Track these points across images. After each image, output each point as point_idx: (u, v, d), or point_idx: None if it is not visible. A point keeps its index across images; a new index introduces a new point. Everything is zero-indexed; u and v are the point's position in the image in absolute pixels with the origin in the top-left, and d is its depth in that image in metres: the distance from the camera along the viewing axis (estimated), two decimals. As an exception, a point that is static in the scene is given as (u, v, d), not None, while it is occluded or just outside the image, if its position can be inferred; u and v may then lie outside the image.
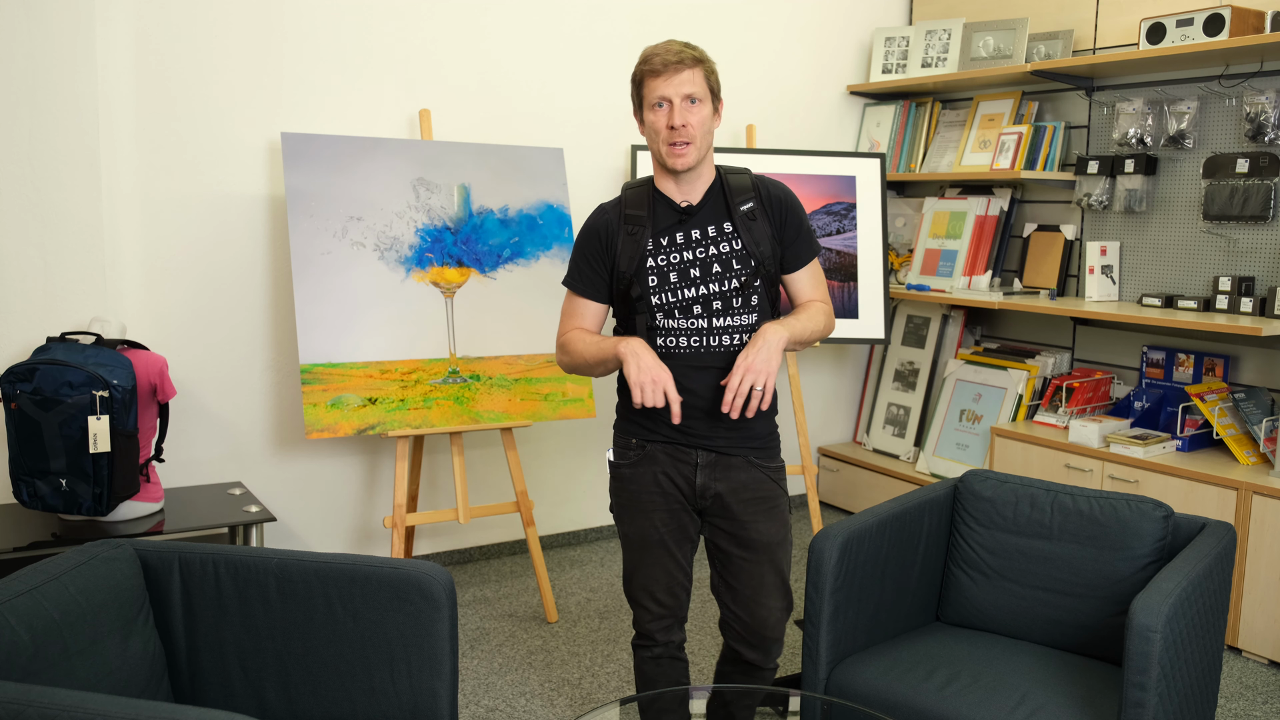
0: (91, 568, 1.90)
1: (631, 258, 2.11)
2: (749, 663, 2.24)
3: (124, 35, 3.25)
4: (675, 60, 2.04)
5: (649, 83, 2.07)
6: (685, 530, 2.21)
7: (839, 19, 4.67)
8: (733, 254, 2.12)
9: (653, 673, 2.27)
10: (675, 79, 2.04)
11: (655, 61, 2.05)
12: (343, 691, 1.99)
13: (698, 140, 2.07)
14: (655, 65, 2.05)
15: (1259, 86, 3.54)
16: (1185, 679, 2.02)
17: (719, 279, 2.12)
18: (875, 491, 4.52)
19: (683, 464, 2.16)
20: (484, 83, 3.87)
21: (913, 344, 4.70)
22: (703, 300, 2.12)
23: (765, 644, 2.22)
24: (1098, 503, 2.37)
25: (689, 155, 2.07)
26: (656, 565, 2.20)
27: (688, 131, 2.05)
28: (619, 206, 2.17)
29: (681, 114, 2.04)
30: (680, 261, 2.12)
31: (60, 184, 3.15)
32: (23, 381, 2.79)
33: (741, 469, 2.17)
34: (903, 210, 4.77)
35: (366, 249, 3.31)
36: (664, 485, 2.17)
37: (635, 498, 2.20)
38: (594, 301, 2.19)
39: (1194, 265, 3.79)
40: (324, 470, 3.73)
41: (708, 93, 2.09)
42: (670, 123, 2.05)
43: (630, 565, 2.24)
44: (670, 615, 2.23)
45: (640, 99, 2.11)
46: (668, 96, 2.05)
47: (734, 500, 2.16)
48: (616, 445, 2.24)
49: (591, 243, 2.17)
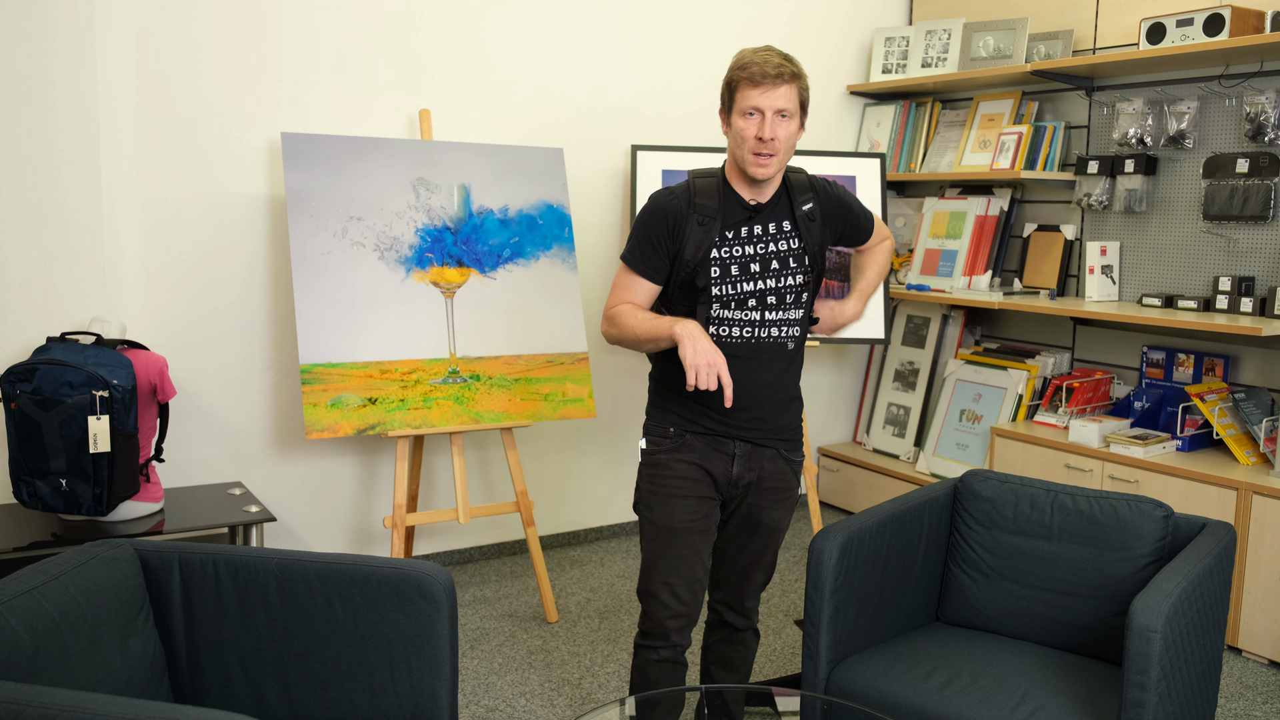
0: (91, 568, 1.90)
1: (698, 247, 2.15)
2: (730, 625, 2.39)
3: (124, 35, 3.25)
4: (774, 74, 2.06)
5: (744, 90, 2.08)
6: (710, 523, 2.25)
7: (839, 19, 4.67)
8: (790, 252, 2.19)
9: (655, 676, 2.26)
10: (772, 93, 2.07)
11: (754, 70, 2.07)
12: (343, 691, 1.99)
13: (781, 153, 2.11)
14: (753, 75, 2.07)
15: (1259, 86, 3.54)
16: (1185, 679, 2.02)
17: (776, 275, 2.18)
18: (875, 491, 4.52)
19: (720, 454, 2.22)
20: (484, 83, 3.87)
21: (913, 344, 4.70)
22: (758, 295, 2.17)
23: (745, 610, 2.39)
24: (1098, 503, 2.37)
25: (771, 166, 2.12)
26: (680, 556, 2.21)
27: (775, 145, 2.09)
28: (688, 194, 2.18)
29: (772, 127, 2.07)
30: (743, 256, 2.17)
31: (60, 184, 3.15)
32: (23, 381, 2.79)
33: (771, 460, 2.26)
34: (903, 210, 4.77)
35: (366, 249, 3.31)
36: (698, 474, 2.22)
37: (667, 484, 2.22)
38: (650, 282, 2.21)
39: (1194, 265, 3.79)
40: (324, 470, 3.73)
41: (798, 108, 2.11)
42: (760, 134, 2.08)
43: (652, 555, 2.24)
44: (687, 614, 2.24)
45: (731, 102, 2.13)
46: (760, 108, 2.07)
47: (758, 488, 2.26)
48: (651, 433, 2.27)
49: (658, 225, 2.18)
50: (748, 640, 2.41)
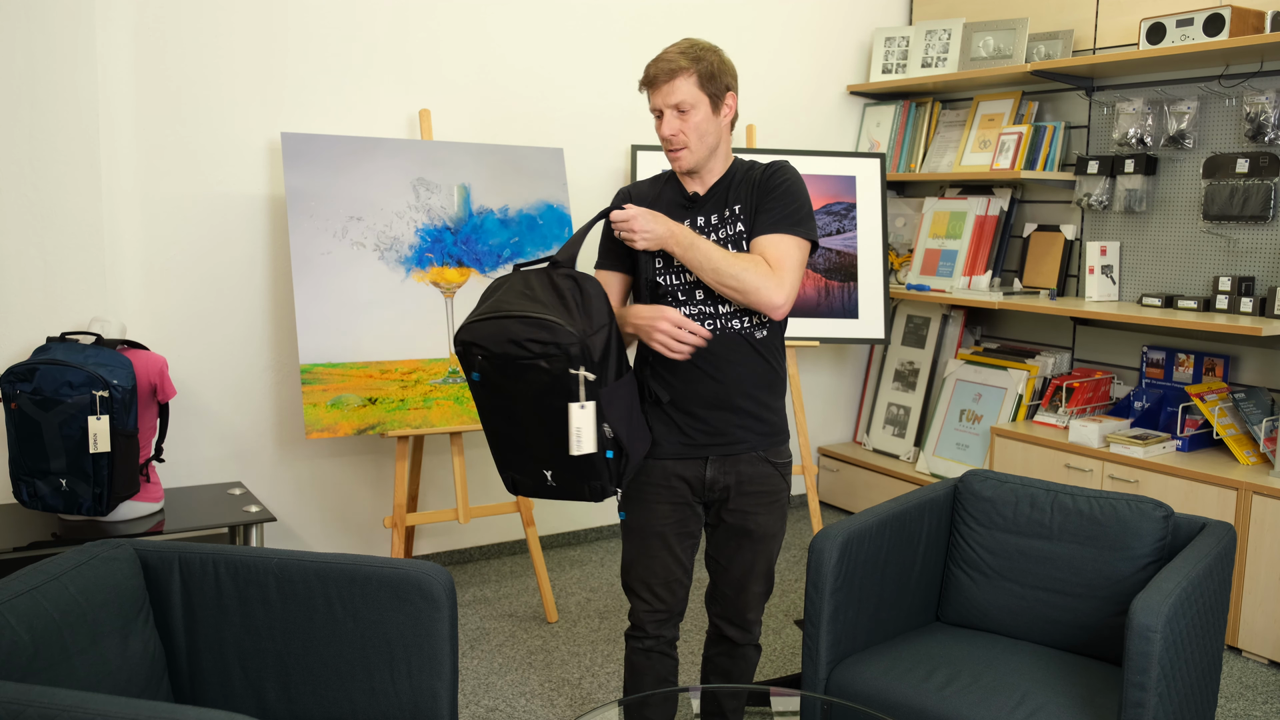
0: (91, 568, 1.90)
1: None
2: (730, 639, 2.32)
3: (124, 35, 3.25)
4: (664, 71, 2.09)
5: (647, 94, 2.15)
6: (688, 526, 2.23)
7: (839, 19, 4.67)
8: (730, 237, 2.16)
9: (641, 665, 2.29)
10: (663, 90, 2.10)
11: (649, 72, 2.12)
12: (343, 691, 1.99)
13: (693, 144, 2.12)
14: (648, 77, 2.13)
15: (1259, 86, 3.54)
16: (1185, 679, 2.02)
17: None
18: (875, 491, 4.52)
19: (693, 461, 2.19)
20: (484, 82, 3.87)
21: (913, 344, 4.70)
22: (705, 286, 2.13)
23: (746, 623, 2.31)
24: (1098, 503, 2.37)
25: (685, 160, 2.14)
26: (655, 558, 2.22)
27: (679, 139, 2.11)
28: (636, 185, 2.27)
29: (670, 124, 2.11)
30: None
31: (60, 184, 3.15)
32: (23, 381, 2.79)
33: (750, 463, 2.20)
34: (903, 210, 4.77)
35: (366, 249, 3.31)
36: (672, 481, 2.20)
37: (641, 489, 2.21)
38: (612, 271, 2.23)
39: (1194, 265, 3.79)
40: (324, 470, 3.73)
41: (701, 96, 2.10)
42: (662, 132, 2.12)
43: (630, 556, 2.26)
44: (666, 610, 2.25)
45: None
46: (658, 107, 2.12)
47: (739, 491, 2.21)
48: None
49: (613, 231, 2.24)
50: (748, 655, 2.36)
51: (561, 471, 2.04)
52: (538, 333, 1.92)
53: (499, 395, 2.01)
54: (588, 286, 2.02)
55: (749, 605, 2.29)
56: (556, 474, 2.05)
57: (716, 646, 2.37)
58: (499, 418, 2.06)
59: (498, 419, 2.06)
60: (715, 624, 2.34)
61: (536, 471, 2.07)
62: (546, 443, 2.01)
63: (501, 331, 1.94)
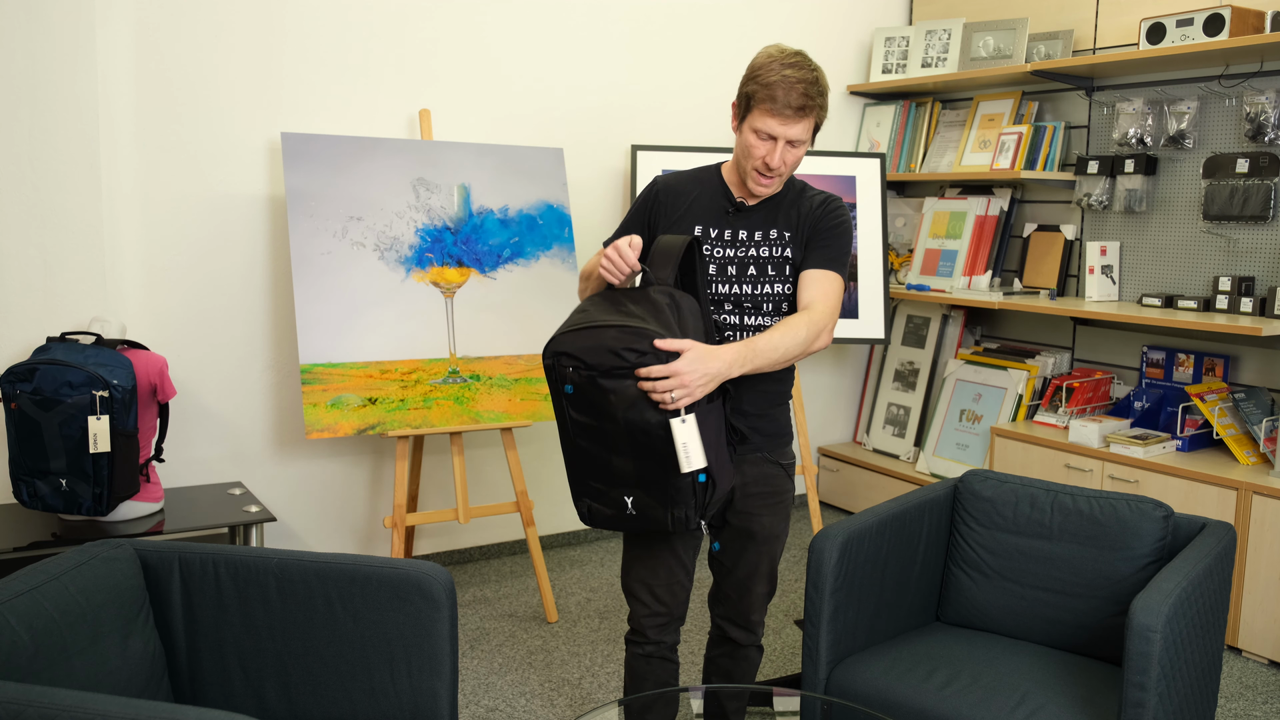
0: (91, 568, 1.90)
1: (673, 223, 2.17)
2: (734, 640, 2.32)
3: (124, 35, 3.25)
4: (798, 107, 1.99)
5: (761, 112, 2.02)
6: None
7: (839, 19, 4.68)
8: (772, 260, 2.14)
9: (641, 670, 2.27)
10: (789, 124, 2.01)
11: (778, 99, 1.99)
12: (343, 691, 1.99)
13: (786, 174, 2.11)
14: (777, 104, 1.99)
15: (1259, 86, 3.54)
16: (1185, 679, 2.02)
17: (754, 281, 2.14)
18: (875, 491, 4.52)
19: None
20: (484, 83, 3.87)
21: (913, 344, 4.70)
22: (734, 299, 2.14)
23: (750, 624, 2.30)
24: (1098, 503, 2.37)
25: (772, 186, 2.12)
26: (656, 559, 2.21)
27: (783, 170, 2.07)
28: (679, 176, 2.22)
29: (781, 155, 2.04)
30: (722, 257, 2.15)
31: (60, 184, 3.15)
32: (23, 381, 2.79)
33: (754, 464, 2.20)
34: (903, 210, 4.77)
35: (366, 249, 3.31)
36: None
37: None
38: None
39: (1194, 265, 3.79)
40: (324, 470, 3.73)
41: (811, 134, 2.07)
42: (769, 160, 2.05)
43: (631, 556, 2.24)
44: (667, 614, 2.23)
45: (746, 113, 2.06)
46: (774, 135, 2.03)
47: (744, 492, 2.20)
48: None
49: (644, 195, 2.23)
50: (750, 656, 2.36)
51: (646, 496, 1.94)
52: (636, 341, 1.85)
53: (590, 410, 1.91)
54: (683, 301, 1.97)
55: (753, 606, 2.28)
56: (639, 500, 1.94)
57: (719, 647, 2.36)
58: (586, 436, 1.94)
59: (584, 437, 1.95)
60: (718, 625, 2.34)
61: (618, 498, 1.95)
62: (634, 463, 1.91)
63: (597, 342, 1.86)
